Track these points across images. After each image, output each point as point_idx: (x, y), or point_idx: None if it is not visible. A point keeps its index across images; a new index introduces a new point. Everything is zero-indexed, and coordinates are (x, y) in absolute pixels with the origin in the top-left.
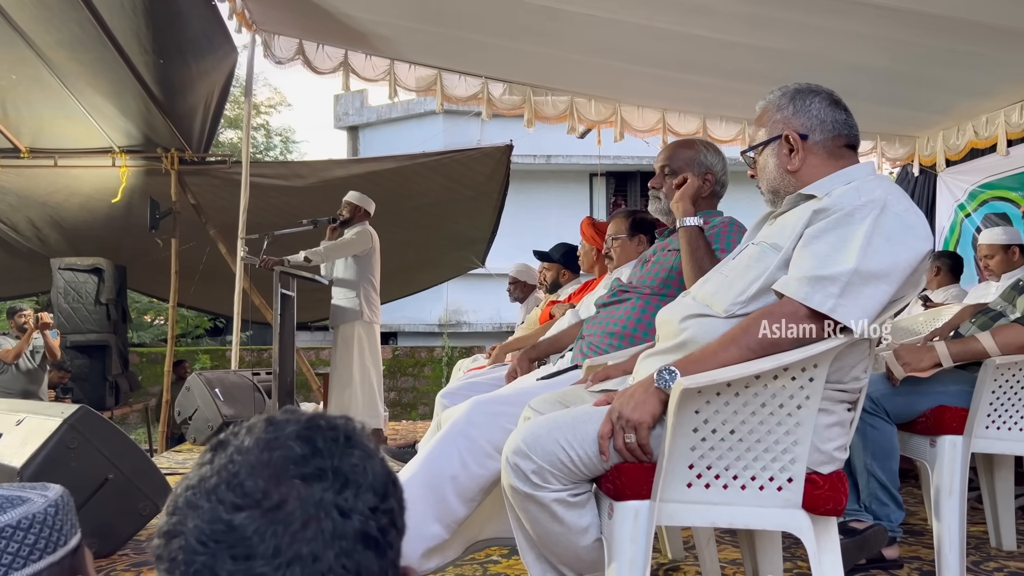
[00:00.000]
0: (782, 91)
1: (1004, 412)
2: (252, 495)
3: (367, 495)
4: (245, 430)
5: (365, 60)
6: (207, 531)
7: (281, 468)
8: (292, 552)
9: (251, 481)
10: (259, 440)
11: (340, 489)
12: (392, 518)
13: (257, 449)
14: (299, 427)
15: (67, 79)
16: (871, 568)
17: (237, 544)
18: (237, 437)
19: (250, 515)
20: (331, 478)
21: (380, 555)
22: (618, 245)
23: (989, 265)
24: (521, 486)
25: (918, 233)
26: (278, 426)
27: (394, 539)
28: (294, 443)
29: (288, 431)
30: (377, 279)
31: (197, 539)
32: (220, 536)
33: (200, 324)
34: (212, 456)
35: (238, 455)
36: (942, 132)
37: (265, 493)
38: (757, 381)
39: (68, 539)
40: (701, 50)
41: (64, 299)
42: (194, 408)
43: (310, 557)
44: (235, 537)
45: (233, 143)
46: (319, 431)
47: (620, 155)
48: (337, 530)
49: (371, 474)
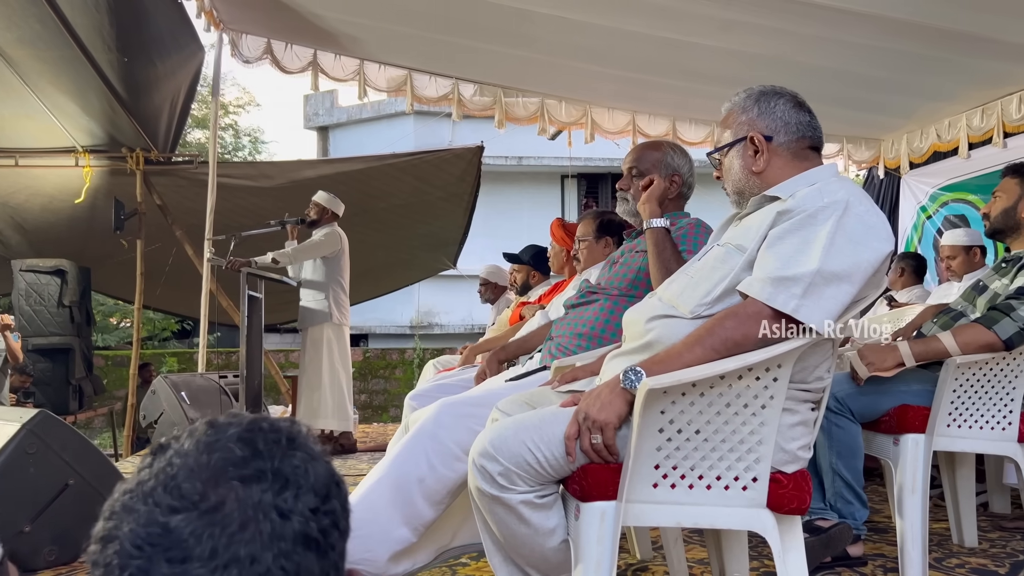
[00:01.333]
0: (747, 93)
1: (965, 411)
2: (189, 497)
3: (308, 496)
4: (187, 433)
5: (334, 60)
6: (142, 534)
7: (220, 470)
8: (229, 554)
9: (188, 483)
10: (199, 443)
11: (280, 490)
12: (334, 519)
13: (196, 451)
14: (240, 429)
15: (28, 77)
16: (836, 566)
17: (173, 547)
18: (178, 441)
19: (186, 517)
20: (271, 479)
21: (321, 556)
22: (585, 247)
23: (951, 266)
24: (488, 488)
25: (879, 234)
26: (219, 429)
27: (336, 541)
28: (234, 445)
29: (229, 433)
30: (346, 280)
31: (132, 543)
32: (155, 539)
33: (167, 326)
34: (152, 460)
35: (177, 458)
36: (906, 135)
37: (202, 495)
38: (722, 381)
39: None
40: (670, 53)
41: (26, 301)
42: (160, 412)
43: (248, 559)
44: (171, 540)
45: (201, 143)
46: (260, 433)
47: (591, 157)
48: (276, 531)
49: (313, 476)
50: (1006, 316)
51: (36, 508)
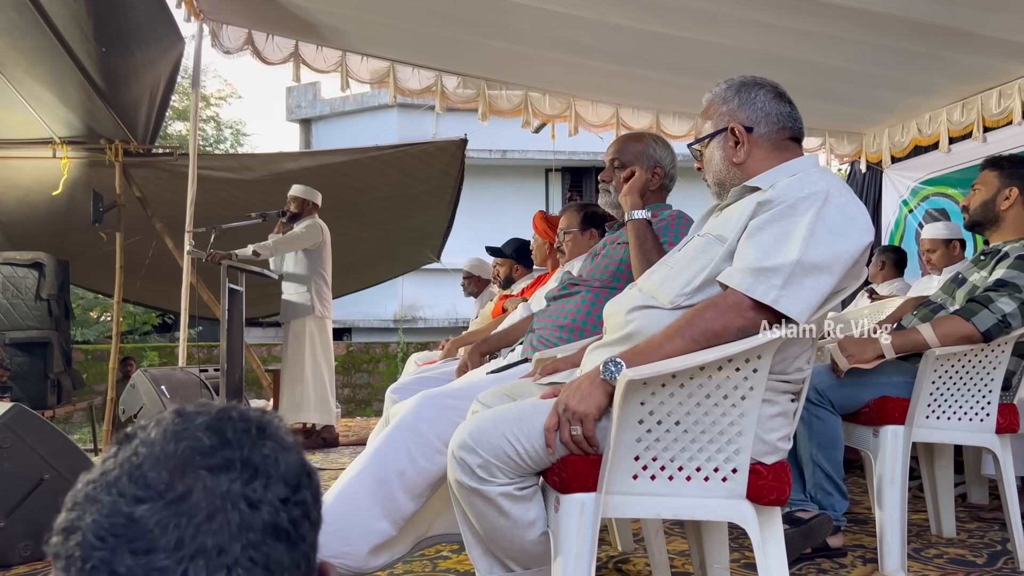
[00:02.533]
0: (727, 84)
1: (944, 402)
2: (155, 487)
3: (278, 486)
4: (154, 423)
5: (316, 51)
6: (105, 525)
7: (187, 459)
8: (196, 544)
9: (154, 472)
10: (166, 431)
11: (249, 480)
12: (305, 510)
13: (163, 440)
14: (209, 418)
15: (4, 67)
16: (816, 557)
17: (137, 538)
18: (144, 430)
19: (151, 507)
20: (239, 468)
21: (291, 547)
22: (570, 239)
23: (931, 259)
24: (467, 480)
25: (859, 225)
26: (187, 418)
27: (307, 531)
28: (202, 434)
29: (198, 422)
30: (328, 273)
31: (95, 534)
32: (119, 530)
33: (148, 320)
34: (117, 450)
35: (143, 447)
36: (888, 129)
37: (169, 484)
38: (702, 372)
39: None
40: (653, 46)
41: (3, 295)
42: (139, 406)
43: (215, 549)
44: (135, 530)
45: (182, 135)
46: (230, 422)
47: (575, 150)
48: (244, 522)
49: (283, 465)
50: (985, 308)
51: (11, 503)
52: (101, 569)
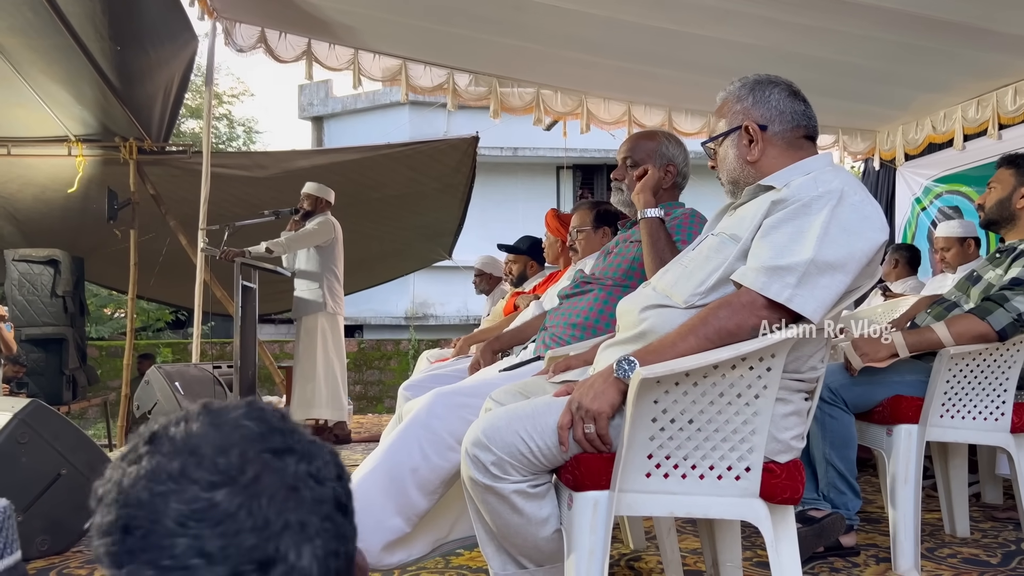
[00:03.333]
0: (741, 82)
1: (958, 401)
2: (227, 472)
3: (329, 466)
4: (183, 419)
5: (329, 49)
6: (186, 511)
7: (246, 445)
8: (281, 521)
9: (223, 458)
10: (210, 424)
11: (309, 460)
12: (348, 485)
13: (213, 431)
14: (245, 409)
15: (20, 66)
16: (829, 555)
17: (223, 520)
18: (177, 427)
19: (230, 491)
20: (297, 452)
21: (350, 520)
22: (583, 237)
23: (946, 258)
24: (480, 478)
25: (874, 224)
26: (220, 411)
27: (353, 505)
28: (249, 422)
29: (235, 414)
30: (340, 270)
31: (176, 521)
32: (202, 514)
33: (161, 317)
34: (150, 448)
35: (192, 438)
36: (901, 127)
37: (240, 469)
38: (715, 371)
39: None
40: (666, 43)
41: (19, 291)
42: (154, 402)
43: (298, 524)
44: (219, 513)
45: (195, 133)
46: (266, 412)
47: (587, 148)
48: (316, 496)
49: (324, 448)
50: (1000, 307)
51: (28, 498)
52: (189, 553)
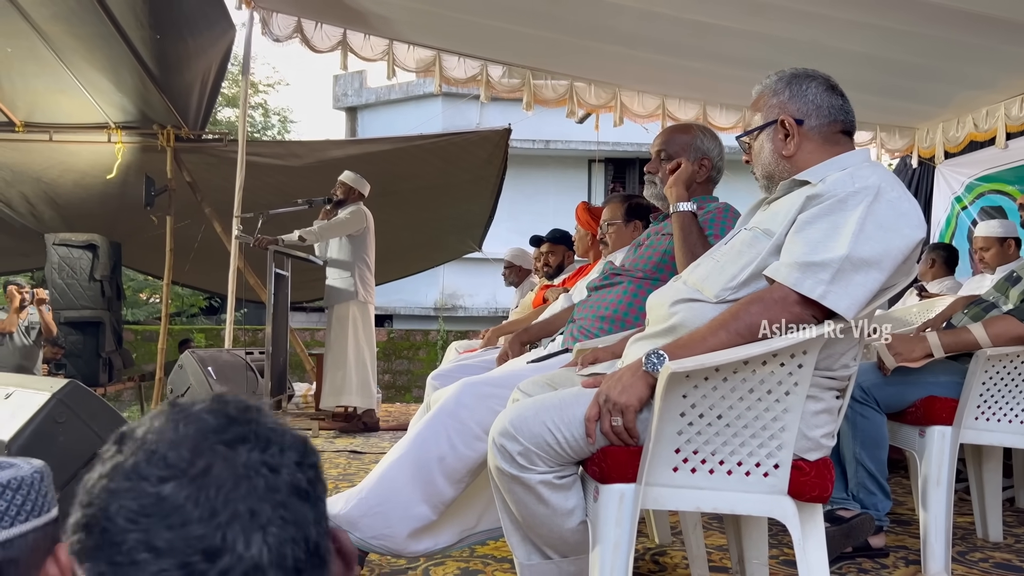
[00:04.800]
0: (778, 76)
1: (994, 403)
2: (177, 465)
3: (290, 452)
4: (149, 419)
5: (364, 40)
6: (135, 507)
7: (201, 438)
8: (229, 511)
9: (173, 452)
10: (170, 419)
11: (264, 448)
12: (316, 472)
13: (171, 426)
14: (207, 404)
15: (63, 53)
16: (857, 556)
17: (170, 513)
18: (142, 426)
19: (178, 484)
20: (253, 440)
21: (312, 505)
22: (613, 231)
23: (985, 258)
24: (507, 468)
25: (911, 221)
26: (184, 407)
27: (321, 492)
28: (207, 416)
29: (196, 408)
30: (372, 259)
31: (126, 518)
32: (150, 509)
33: (195, 303)
34: (118, 447)
35: (151, 435)
36: (942, 124)
37: (190, 462)
38: (745, 367)
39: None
40: (700, 36)
41: (58, 275)
42: (187, 386)
43: (248, 513)
44: (167, 507)
45: (231, 121)
46: (227, 404)
47: (619, 141)
48: (270, 484)
49: (287, 435)
50: None
51: (65, 476)
52: (139, 548)
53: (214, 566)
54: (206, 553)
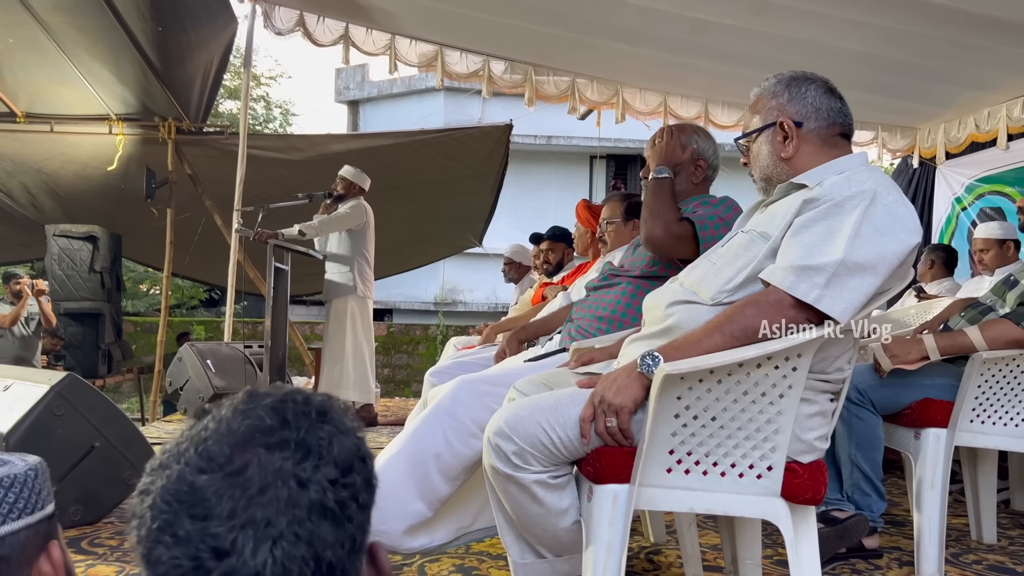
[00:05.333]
0: (777, 78)
1: (989, 406)
2: (216, 459)
3: (328, 468)
4: (229, 401)
5: (366, 34)
6: (171, 490)
7: (248, 436)
8: (246, 515)
9: (216, 446)
10: (234, 410)
11: (301, 460)
12: (354, 492)
13: (231, 418)
14: (274, 400)
15: (64, 44)
16: (851, 557)
17: (197, 504)
18: (220, 408)
19: (211, 478)
20: (293, 448)
21: (337, 526)
22: (612, 230)
23: (984, 259)
24: (502, 467)
25: (907, 225)
26: (256, 398)
27: (354, 513)
28: (265, 414)
29: (264, 403)
30: (371, 254)
31: (162, 498)
32: (183, 496)
33: (195, 295)
34: (193, 424)
35: (212, 423)
36: (943, 124)
37: (228, 458)
38: (740, 369)
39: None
40: (702, 34)
41: (58, 266)
42: (185, 379)
43: (263, 521)
44: (195, 498)
45: (233, 114)
46: (292, 404)
47: (621, 138)
48: (292, 498)
49: (337, 448)
50: None
51: (63, 469)
52: (165, 530)
53: (219, 566)
54: (216, 551)
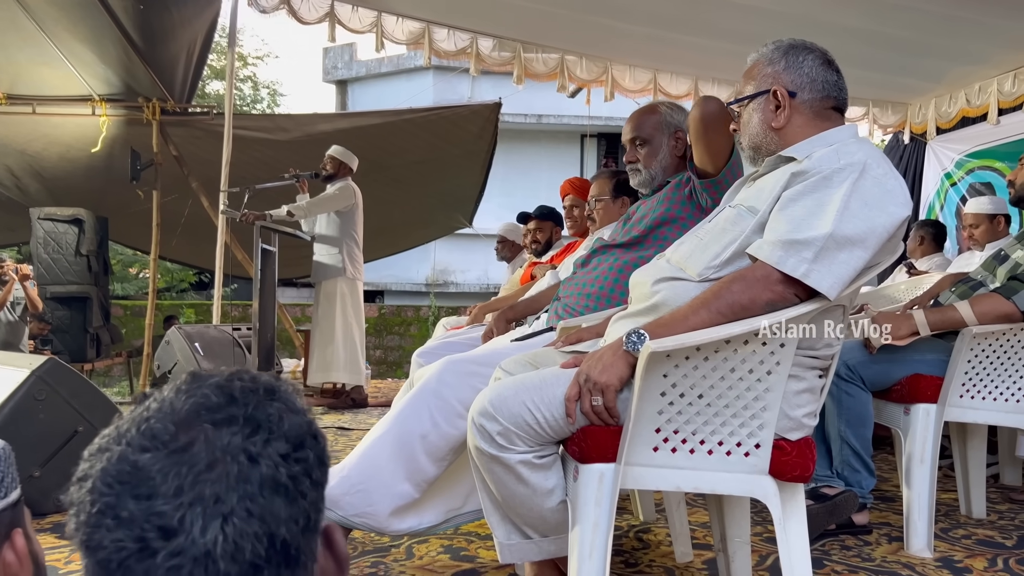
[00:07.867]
0: (775, 45)
1: (979, 381)
2: (159, 437)
3: (279, 443)
4: (170, 384)
5: (352, 11)
6: (112, 472)
7: (193, 413)
8: (194, 492)
9: (160, 424)
10: (178, 390)
11: (250, 434)
12: (306, 468)
13: (174, 397)
14: (220, 379)
15: (44, 24)
16: (841, 533)
17: (140, 484)
18: (162, 390)
19: (155, 456)
20: (241, 423)
21: (290, 502)
22: (601, 207)
23: (974, 235)
24: (487, 447)
25: (896, 198)
26: (200, 379)
27: (308, 489)
28: (211, 392)
29: (209, 382)
30: (360, 236)
31: (102, 480)
32: (124, 476)
33: (185, 278)
34: (134, 408)
35: (155, 403)
36: (934, 100)
37: (172, 436)
38: (727, 346)
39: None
40: (693, 9)
41: (44, 249)
42: (174, 362)
43: (212, 498)
44: (138, 477)
45: (219, 94)
46: (239, 382)
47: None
48: (242, 473)
49: (287, 424)
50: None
51: (46, 454)
52: (106, 513)
53: (167, 545)
54: (162, 530)
